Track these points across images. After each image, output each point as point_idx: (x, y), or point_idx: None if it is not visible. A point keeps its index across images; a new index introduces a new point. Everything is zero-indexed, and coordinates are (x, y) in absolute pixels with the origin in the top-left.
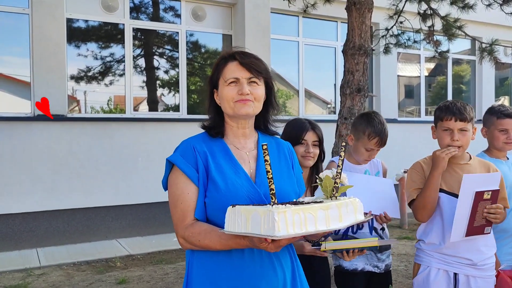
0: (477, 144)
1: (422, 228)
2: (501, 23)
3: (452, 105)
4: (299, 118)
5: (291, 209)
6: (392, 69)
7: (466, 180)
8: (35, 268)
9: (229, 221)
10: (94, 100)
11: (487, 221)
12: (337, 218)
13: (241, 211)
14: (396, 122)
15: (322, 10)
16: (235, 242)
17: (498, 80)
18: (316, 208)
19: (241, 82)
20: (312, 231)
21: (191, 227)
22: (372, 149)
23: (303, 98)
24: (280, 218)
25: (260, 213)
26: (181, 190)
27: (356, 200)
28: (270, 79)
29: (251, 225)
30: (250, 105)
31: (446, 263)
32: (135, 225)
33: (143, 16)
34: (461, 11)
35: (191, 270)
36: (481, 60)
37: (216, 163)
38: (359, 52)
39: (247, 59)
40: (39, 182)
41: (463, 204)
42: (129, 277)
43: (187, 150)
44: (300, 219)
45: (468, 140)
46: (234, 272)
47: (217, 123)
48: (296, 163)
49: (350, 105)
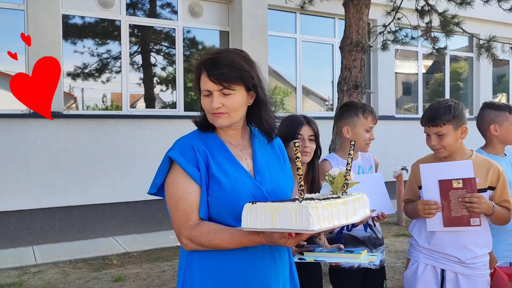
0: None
1: (413, 224)
2: (499, 19)
3: (428, 110)
4: (294, 114)
5: (322, 204)
6: (389, 66)
7: (423, 169)
8: (31, 266)
9: (248, 218)
10: (91, 97)
11: (470, 211)
12: (352, 212)
13: (265, 208)
14: (393, 119)
15: (319, 7)
16: (248, 239)
17: (495, 77)
18: (339, 203)
19: (213, 94)
20: (337, 225)
21: (198, 227)
22: (370, 127)
23: (300, 95)
24: (314, 213)
25: (291, 209)
26: (182, 190)
27: (364, 195)
28: (250, 80)
29: (278, 221)
30: (224, 118)
31: (434, 259)
32: (132, 222)
33: (139, 12)
34: (459, 7)
35: (190, 268)
36: (479, 57)
37: (216, 161)
38: (357, 48)
39: (215, 71)
40: (35, 179)
41: (428, 193)
42: (126, 275)
43: (186, 149)
44: (329, 214)
45: (449, 141)
46: (237, 268)
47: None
48: (287, 159)
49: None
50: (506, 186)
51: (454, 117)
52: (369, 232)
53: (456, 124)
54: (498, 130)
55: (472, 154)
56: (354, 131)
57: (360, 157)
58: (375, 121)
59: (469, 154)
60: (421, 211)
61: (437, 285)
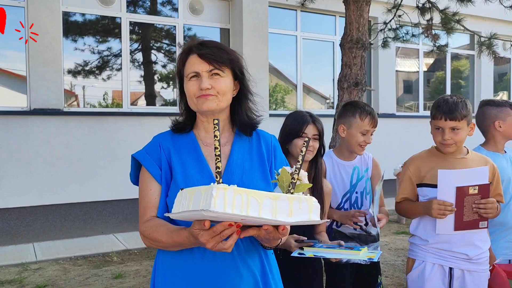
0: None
1: (415, 223)
2: (500, 17)
3: (444, 103)
4: (300, 111)
5: (233, 188)
6: (390, 64)
7: (442, 175)
8: (31, 263)
9: (176, 206)
10: (91, 94)
11: (480, 215)
12: (286, 212)
13: (187, 192)
14: (394, 117)
15: (320, 4)
16: (178, 233)
17: (497, 75)
18: (263, 194)
19: (201, 75)
20: (254, 216)
21: (147, 222)
22: (367, 131)
23: (301, 93)
24: (218, 194)
25: (202, 190)
26: (146, 186)
27: (313, 199)
28: (239, 67)
29: (192, 204)
30: (212, 100)
31: (442, 257)
32: (132, 219)
33: (140, 9)
34: (460, 4)
35: (156, 269)
36: (480, 54)
37: (181, 160)
38: (357, 45)
39: (205, 50)
40: (36, 177)
41: (443, 197)
42: (126, 272)
43: (153, 147)
44: (242, 201)
45: (462, 137)
46: (194, 272)
47: (186, 118)
48: (279, 158)
49: (347, 99)
50: (499, 181)
51: (469, 112)
52: (358, 230)
53: (469, 120)
54: (502, 126)
55: (467, 152)
56: (349, 131)
57: (358, 158)
58: (373, 124)
59: (465, 152)
60: (435, 211)
61: (445, 284)
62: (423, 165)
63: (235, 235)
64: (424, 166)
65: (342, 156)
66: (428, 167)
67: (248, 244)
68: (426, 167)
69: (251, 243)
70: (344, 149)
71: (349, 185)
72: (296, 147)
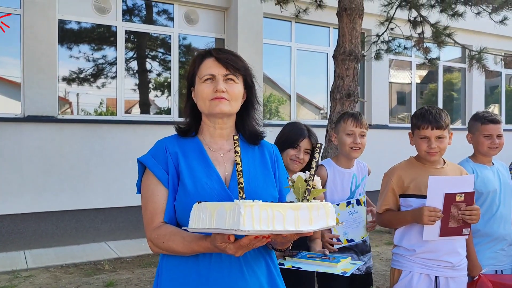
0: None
1: (399, 234)
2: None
3: (428, 113)
4: (299, 123)
5: (259, 204)
6: (383, 76)
7: (432, 181)
8: (22, 270)
9: (194, 219)
10: (86, 102)
11: (464, 222)
12: (307, 221)
13: (207, 207)
14: (387, 128)
15: (314, 16)
16: (197, 243)
17: (488, 88)
18: (285, 206)
19: (216, 79)
20: (280, 230)
21: (158, 229)
22: (351, 131)
23: (295, 103)
24: (246, 212)
25: (226, 207)
26: (151, 192)
27: (329, 204)
28: (250, 77)
29: (216, 220)
30: (225, 104)
31: (428, 267)
32: (124, 227)
33: (136, 18)
34: (451, 19)
35: (160, 275)
36: (470, 68)
37: (188, 164)
38: (350, 57)
39: (223, 55)
40: (28, 184)
41: (432, 205)
42: (117, 280)
43: (159, 151)
44: (268, 216)
45: (445, 145)
46: (200, 278)
47: (191, 122)
48: (281, 167)
49: (340, 110)
50: None
51: (449, 122)
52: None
53: (449, 129)
54: (471, 140)
55: (444, 162)
56: (338, 137)
57: (356, 166)
58: (356, 125)
59: (442, 162)
60: (426, 217)
61: None
62: (406, 176)
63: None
64: (407, 176)
65: (341, 164)
66: (410, 178)
67: (254, 250)
68: (408, 177)
69: (257, 249)
70: (341, 156)
71: (349, 192)
72: (287, 156)
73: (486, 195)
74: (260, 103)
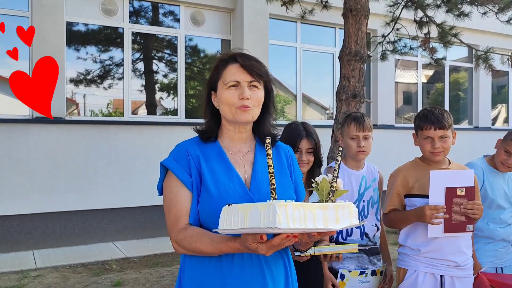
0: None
1: (404, 233)
2: (498, 31)
3: (431, 114)
4: (296, 124)
5: (292, 204)
6: (389, 76)
7: (433, 176)
8: (31, 270)
9: (224, 220)
10: (93, 103)
11: (467, 218)
12: (334, 220)
13: (239, 208)
14: (393, 128)
15: (320, 17)
16: (226, 244)
17: (495, 88)
18: (315, 206)
19: (241, 85)
20: (311, 228)
21: (184, 230)
22: (355, 135)
23: (300, 104)
24: (281, 211)
25: (260, 208)
26: (175, 194)
27: (352, 204)
28: (270, 82)
29: (249, 221)
30: (249, 112)
31: (433, 266)
32: (131, 228)
33: (142, 20)
34: (457, 19)
35: (182, 275)
36: (477, 68)
37: (210, 167)
38: (355, 58)
39: (248, 62)
40: (37, 184)
41: (435, 200)
42: (125, 280)
43: (181, 154)
44: (300, 215)
45: (449, 145)
46: (222, 279)
47: (213, 126)
48: (296, 168)
49: (345, 110)
50: (478, 191)
51: (452, 121)
52: (365, 240)
53: (452, 129)
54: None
55: (449, 162)
56: (344, 141)
57: (366, 168)
58: (359, 129)
59: (447, 162)
60: (428, 216)
61: None
62: (410, 176)
63: (293, 238)
64: (411, 177)
65: (349, 165)
66: (415, 178)
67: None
68: (413, 178)
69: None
70: (348, 158)
71: (357, 193)
72: None
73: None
74: (276, 108)
